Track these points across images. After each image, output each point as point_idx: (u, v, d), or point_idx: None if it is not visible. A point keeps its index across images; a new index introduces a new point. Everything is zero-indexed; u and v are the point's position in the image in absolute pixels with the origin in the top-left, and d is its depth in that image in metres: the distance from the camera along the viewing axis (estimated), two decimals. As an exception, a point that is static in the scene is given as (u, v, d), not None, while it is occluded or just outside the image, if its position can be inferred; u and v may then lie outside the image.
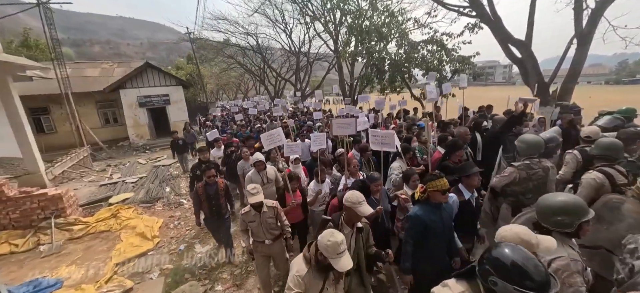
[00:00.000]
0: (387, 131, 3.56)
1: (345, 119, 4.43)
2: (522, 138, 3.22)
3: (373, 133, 3.67)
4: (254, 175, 4.27)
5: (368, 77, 12.12)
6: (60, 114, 14.36)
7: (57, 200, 5.73)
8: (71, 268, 4.52)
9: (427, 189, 2.43)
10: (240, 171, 5.33)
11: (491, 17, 7.58)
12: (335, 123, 4.21)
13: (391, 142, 3.49)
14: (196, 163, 5.28)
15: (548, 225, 1.73)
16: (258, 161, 4.30)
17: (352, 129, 4.18)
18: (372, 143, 3.68)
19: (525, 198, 3.02)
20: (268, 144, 4.13)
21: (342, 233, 1.92)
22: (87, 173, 10.32)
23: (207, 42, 21.34)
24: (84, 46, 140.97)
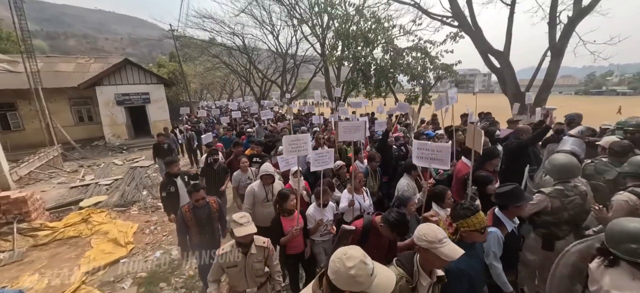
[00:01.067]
0: (440, 144, 2.91)
1: (353, 123, 3.80)
2: (553, 159, 2.75)
3: (420, 145, 2.96)
4: (258, 189, 3.64)
5: (354, 82, 12.22)
6: (29, 111, 13.49)
7: (20, 203, 5.34)
8: (34, 277, 4.20)
9: (459, 229, 1.94)
10: (236, 183, 4.52)
11: (472, 27, 7.86)
12: (341, 126, 3.63)
13: (445, 157, 2.80)
14: (165, 180, 4.25)
15: (618, 252, 1.52)
16: (267, 175, 3.62)
17: (361, 134, 3.65)
18: (418, 157, 3.00)
19: (559, 230, 2.56)
20: (290, 150, 3.04)
21: (419, 283, 1.56)
22: (56, 174, 9.72)
23: (192, 41, 20.82)
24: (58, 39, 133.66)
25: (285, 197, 3.00)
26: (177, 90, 22.05)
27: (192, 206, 3.21)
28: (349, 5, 11.16)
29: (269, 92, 25.91)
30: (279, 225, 2.99)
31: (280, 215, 3.02)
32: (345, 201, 3.37)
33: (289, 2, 14.49)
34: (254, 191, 3.64)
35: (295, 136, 3.12)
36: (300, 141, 3.08)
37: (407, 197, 2.83)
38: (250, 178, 4.43)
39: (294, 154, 3.09)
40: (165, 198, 4.11)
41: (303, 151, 3.09)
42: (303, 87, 24.15)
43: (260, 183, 3.68)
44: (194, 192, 3.23)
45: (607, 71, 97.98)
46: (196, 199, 3.20)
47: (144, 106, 15.70)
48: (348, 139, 3.72)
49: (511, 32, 7.80)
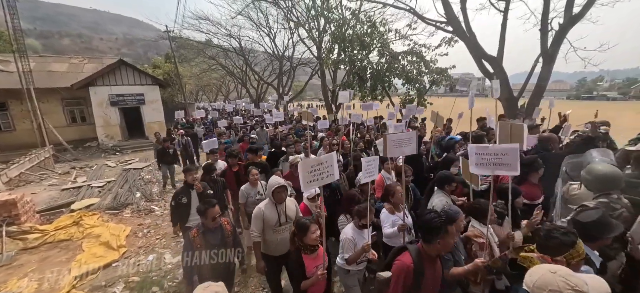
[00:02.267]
0: (506, 146, 2.33)
1: (404, 134, 3.12)
2: (593, 170, 2.42)
3: (479, 149, 2.41)
4: (269, 210, 2.89)
5: (350, 85, 12.27)
6: (20, 111, 13.28)
7: (10, 205, 5.25)
8: (23, 282, 4.12)
9: (569, 262, 1.51)
10: (243, 198, 3.92)
11: (466, 33, 7.97)
12: (390, 139, 2.92)
13: (513, 161, 2.22)
14: (181, 188, 3.93)
15: None
16: (280, 186, 2.89)
17: (413, 148, 3.00)
18: (478, 164, 2.36)
19: (610, 249, 2.17)
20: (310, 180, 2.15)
21: None
22: (47, 176, 9.57)
23: (188, 42, 20.73)
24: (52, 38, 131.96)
25: (304, 228, 2.31)
26: (172, 91, 21.92)
27: (203, 229, 2.67)
28: (346, 9, 11.25)
29: (265, 95, 25.89)
30: (300, 266, 2.29)
31: (301, 251, 2.35)
32: (388, 223, 2.89)
33: (285, 5, 14.54)
34: (262, 213, 2.88)
35: (315, 160, 2.21)
36: (323, 165, 2.18)
37: (455, 212, 2.35)
38: (261, 192, 3.92)
39: (315, 184, 2.18)
40: (175, 207, 3.78)
41: (328, 177, 2.23)
42: (299, 90, 24.18)
43: (271, 203, 2.93)
44: (208, 208, 2.63)
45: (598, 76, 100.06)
46: (212, 217, 2.62)
47: (138, 107, 15.55)
48: (398, 154, 3.05)
49: (504, 38, 7.93)
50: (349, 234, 2.64)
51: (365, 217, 2.57)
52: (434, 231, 1.84)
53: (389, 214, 3.00)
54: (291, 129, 8.62)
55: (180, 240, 5.21)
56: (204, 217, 2.66)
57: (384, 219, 3.00)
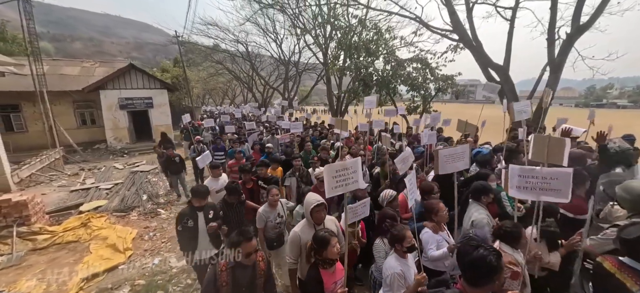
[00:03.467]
0: (556, 170, 2.08)
1: (456, 149, 2.85)
2: (630, 188, 2.26)
3: (523, 171, 2.18)
4: (307, 234, 2.53)
5: (355, 91, 12.32)
6: (33, 113, 13.60)
7: (21, 206, 5.37)
8: (31, 282, 4.21)
9: None
10: (262, 223, 3.43)
11: (472, 42, 7.97)
12: (442, 155, 2.72)
13: (564, 187, 2.02)
14: (185, 210, 3.36)
15: None
16: (318, 205, 2.57)
17: (466, 162, 2.83)
18: (520, 188, 2.19)
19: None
20: (335, 185, 2.13)
21: None
22: (57, 177, 9.77)
23: (196, 46, 21.11)
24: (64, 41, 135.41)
25: (325, 243, 2.12)
26: (179, 95, 22.25)
27: (233, 264, 2.23)
28: (352, 17, 11.36)
29: (271, 99, 26.12)
30: (319, 282, 2.11)
31: (318, 266, 2.18)
32: (433, 245, 2.62)
33: (292, 11, 14.73)
34: (299, 238, 2.57)
35: (340, 165, 2.15)
36: (348, 171, 2.15)
37: (485, 240, 2.10)
38: (281, 215, 3.49)
39: (340, 190, 2.15)
40: (181, 232, 3.26)
41: (353, 184, 2.19)
42: (305, 95, 24.33)
43: (308, 225, 2.63)
44: (242, 242, 2.18)
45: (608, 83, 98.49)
46: (247, 253, 2.19)
47: (146, 110, 15.83)
48: (451, 170, 2.79)
49: (511, 46, 7.93)
50: (396, 268, 2.23)
51: (407, 239, 2.28)
52: (491, 272, 1.50)
53: (433, 234, 2.70)
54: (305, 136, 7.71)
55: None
56: (239, 252, 2.21)
57: (428, 240, 2.68)
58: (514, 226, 2.34)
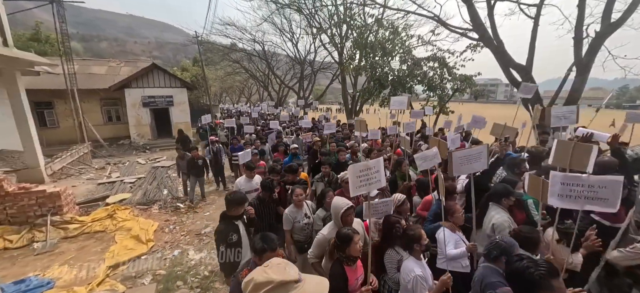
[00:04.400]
0: (604, 178, 1.99)
1: (472, 150, 2.77)
2: None
3: (565, 178, 2.08)
4: (329, 236, 2.58)
5: (370, 91, 12.25)
6: (64, 109, 14.50)
7: (55, 197, 5.76)
8: (63, 268, 4.52)
9: None
10: (289, 224, 3.34)
11: (493, 40, 7.72)
12: (456, 158, 2.67)
13: (613, 196, 1.93)
14: (223, 225, 2.92)
15: None
16: (349, 208, 2.60)
17: (483, 163, 2.73)
18: (563, 196, 2.10)
19: None
20: (358, 185, 2.20)
21: None
22: (86, 170, 10.35)
23: (214, 46, 21.67)
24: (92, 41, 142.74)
25: (348, 240, 2.15)
26: (198, 93, 22.93)
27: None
28: (368, 16, 11.28)
29: (286, 98, 26.41)
30: (344, 279, 2.13)
31: (342, 262, 2.20)
32: (451, 244, 2.59)
33: (308, 11, 14.81)
34: (327, 241, 2.59)
35: (363, 164, 2.21)
36: (371, 170, 2.22)
37: (511, 245, 2.04)
38: (308, 215, 3.40)
39: (363, 189, 2.21)
40: (225, 253, 2.84)
41: (375, 183, 2.24)
42: (320, 94, 24.41)
43: (334, 227, 2.63)
44: (266, 252, 1.97)
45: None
46: None
47: (167, 108, 16.47)
48: (467, 171, 2.73)
49: (534, 46, 7.59)
50: (417, 270, 2.20)
51: (423, 237, 2.31)
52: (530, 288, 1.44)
53: (451, 233, 2.67)
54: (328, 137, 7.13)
55: (205, 238, 5.49)
56: (259, 259, 1.98)
57: (446, 238, 2.64)
58: (532, 231, 2.29)
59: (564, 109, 4.26)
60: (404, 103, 5.38)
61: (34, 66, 8.36)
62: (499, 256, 2.02)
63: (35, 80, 13.18)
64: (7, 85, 7.57)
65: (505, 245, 2.03)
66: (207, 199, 7.45)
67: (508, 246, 2.04)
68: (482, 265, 2.14)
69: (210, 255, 4.89)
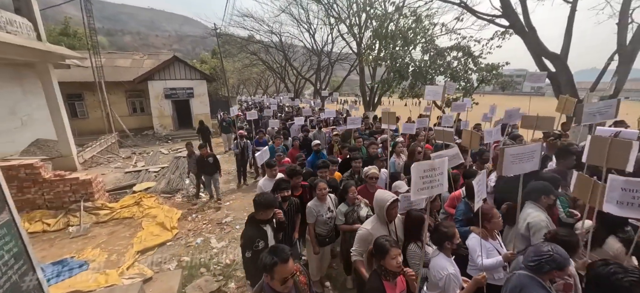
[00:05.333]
0: None
1: (526, 147, 2.42)
2: None
3: (631, 184, 1.88)
4: (379, 232, 2.41)
5: (388, 82, 11.93)
6: (93, 101, 15.21)
7: (87, 184, 6.08)
8: (96, 251, 4.77)
9: None
10: (312, 218, 3.29)
11: (525, 27, 7.23)
12: (508, 155, 2.32)
13: None
14: (251, 231, 2.67)
15: None
16: (394, 202, 2.51)
17: (536, 163, 2.43)
18: (622, 203, 1.92)
19: None
20: (421, 187, 1.98)
21: None
22: (113, 159, 10.86)
23: (232, 38, 21.87)
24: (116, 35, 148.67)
25: (383, 251, 1.93)
26: (216, 85, 23.34)
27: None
28: (389, 3, 10.89)
29: (303, 90, 26.36)
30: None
31: (381, 276, 1.98)
32: (483, 252, 2.39)
33: (327, 0, 14.54)
34: (370, 237, 2.39)
35: (428, 164, 1.97)
36: (435, 172, 1.98)
37: (566, 259, 1.79)
38: (331, 209, 3.34)
39: (425, 193, 1.99)
40: (251, 258, 2.55)
41: (438, 187, 2.02)
42: (337, 86, 24.17)
43: (381, 223, 2.54)
44: (277, 264, 1.71)
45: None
46: (282, 277, 1.72)
47: (188, 100, 16.91)
48: (518, 171, 2.40)
49: (571, 32, 7.03)
50: (449, 268, 2.12)
51: (456, 236, 2.22)
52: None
53: (481, 240, 2.47)
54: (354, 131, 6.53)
55: (226, 228, 5.62)
56: (270, 276, 1.73)
57: (474, 247, 2.45)
58: (570, 234, 2.13)
59: (600, 104, 3.92)
60: (439, 93, 5.02)
61: (65, 59, 8.78)
62: (551, 270, 1.81)
63: (66, 73, 13.87)
64: (41, 77, 8.00)
65: (559, 259, 1.76)
66: (228, 194, 7.39)
67: (563, 259, 1.76)
68: (521, 273, 1.94)
69: (231, 245, 5.01)
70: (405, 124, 6.16)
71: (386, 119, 4.88)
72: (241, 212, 6.29)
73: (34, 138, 9.00)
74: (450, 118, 6.10)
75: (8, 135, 8.22)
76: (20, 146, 8.46)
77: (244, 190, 7.69)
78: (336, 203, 3.44)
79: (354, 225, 3.10)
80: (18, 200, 5.72)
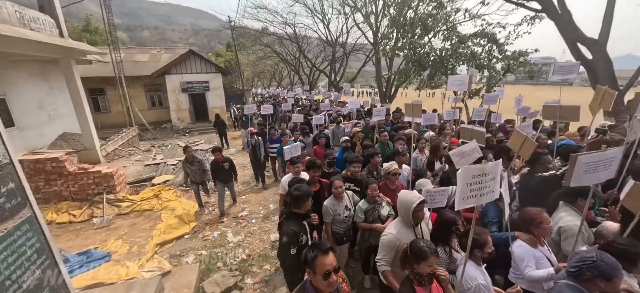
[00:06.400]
0: None
1: (604, 153, 2.05)
2: None
3: None
4: (406, 236, 2.27)
5: (406, 73, 11.50)
6: (114, 95, 15.70)
7: (109, 177, 6.24)
8: (118, 243, 4.89)
9: None
10: (329, 216, 3.18)
11: (559, 11, 6.67)
12: (582, 163, 1.98)
13: None
14: (291, 226, 2.55)
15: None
16: (420, 203, 2.29)
17: (613, 171, 2.12)
18: None
19: None
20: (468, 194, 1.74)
21: None
22: (134, 152, 11.17)
23: (246, 31, 21.87)
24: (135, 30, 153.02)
25: (422, 256, 1.80)
26: (231, 78, 23.53)
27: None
28: (408, -11, 10.40)
29: (317, 82, 26.10)
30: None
31: (413, 282, 1.85)
32: (531, 262, 2.17)
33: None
34: (397, 242, 2.26)
35: (479, 168, 1.71)
36: (487, 177, 1.72)
37: (614, 268, 1.62)
38: (349, 208, 3.23)
39: (472, 202, 1.75)
40: (296, 257, 2.45)
41: (488, 195, 1.77)
42: (352, 77, 23.76)
43: (406, 227, 2.32)
44: (317, 257, 1.67)
45: None
46: (324, 271, 1.64)
47: (203, 93, 17.14)
48: (589, 182, 2.07)
49: (612, 15, 6.42)
50: (480, 278, 1.98)
51: (488, 245, 2.07)
52: None
53: (529, 248, 2.21)
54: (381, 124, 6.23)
55: (242, 222, 5.61)
56: (312, 272, 1.69)
57: (523, 255, 2.20)
58: (632, 244, 1.86)
59: None
60: (464, 83, 4.66)
61: (86, 55, 8.99)
62: (593, 278, 1.64)
63: (89, 68, 14.32)
64: (65, 72, 8.25)
65: (605, 268, 1.60)
66: (243, 188, 7.31)
67: (611, 269, 1.60)
68: (563, 282, 1.77)
69: (247, 239, 5.00)
70: (426, 115, 5.74)
71: (410, 112, 4.55)
72: (257, 206, 6.27)
73: (61, 132, 9.36)
74: (482, 112, 5.65)
75: (37, 129, 8.59)
76: (49, 139, 8.83)
77: (260, 189, 7.32)
78: (354, 201, 3.29)
79: (374, 224, 2.98)
80: (46, 191, 5.97)
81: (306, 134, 6.88)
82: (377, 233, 2.85)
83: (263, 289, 3.81)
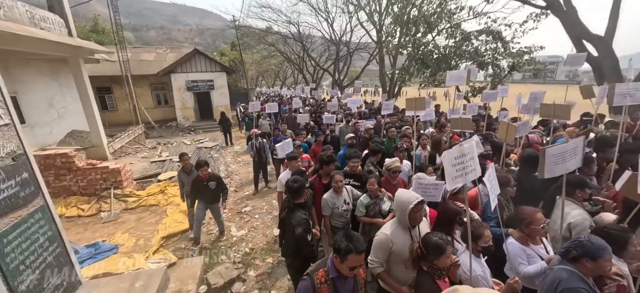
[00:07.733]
0: None
1: (568, 145, 2.25)
2: None
3: None
4: (401, 238, 2.21)
5: (408, 71, 11.48)
6: (121, 94, 15.94)
7: (116, 173, 6.38)
8: (125, 236, 5.02)
9: None
10: (328, 210, 3.22)
11: (564, 7, 6.62)
12: (549, 154, 2.14)
13: None
14: (303, 216, 2.76)
15: None
16: (418, 204, 2.15)
17: (578, 160, 2.33)
18: None
19: None
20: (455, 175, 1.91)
21: None
22: (140, 149, 11.36)
23: (250, 30, 22.01)
24: (141, 30, 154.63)
25: (440, 251, 1.79)
26: (236, 77, 23.71)
27: (335, 275, 1.83)
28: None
29: (321, 80, 26.16)
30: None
31: (433, 275, 1.84)
32: (523, 259, 2.21)
33: (345, -13, 14.19)
34: (390, 243, 2.19)
35: (458, 150, 1.87)
36: (466, 157, 1.89)
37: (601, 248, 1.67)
38: (348, 202, 3.26)
39: (460, 181, 1.90)
40: (300, 236, 2.65)
41: (472, 173, 1.92)
42: (356, 76, 23.76)
43: (402, 228, 2.23)
44: (353, 254, 1.71)
45: None
46: (352, 266, 1.75)
47: (208, 92, 17.31)
48: (560, 172, 2.23)
49: (618, 11, 6.35)
50: (477, 268, 2.00)
51: (483, 238, 2.09)
52: None
53: (519, 246, 2.25)
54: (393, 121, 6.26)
55: (245, 217, 5.70)
56: (340, 260, 1.77)
57: (514, 253, 2.24)
58: (622, 229, 1.94)
59: (630, 85, 3.71)
60: (462, 78, 4.70)
61: (94, 54, 9.18)
62: (579, 257, 1.70)
63: (96, 67, 14.56)
64: (74, 71, 8.44)
65: (590, 246, 1.67)
66: (246, 186, 7.30)
67: (595, 248, 1.66)
68: (559, 266, 1.82)
69: (250, 233, 5.08)
70: (426, 112, 5.81)
71: (411, 106, 4.56)
72: (260, 202, 6.36)
73: (70, 129, 9.57)
74: (474, 107, 5.74)
75: (47, 126, 8.81)
76: (58, 136, 9.04)
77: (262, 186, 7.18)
78: (353, 195, 3.34)
79: (375, 219, 3.02)
80: (56, 186, 6.13)
81: (315, 134, 6.88)
82: (378, 227, 2.83)
83: (265, 281, 3.89)
